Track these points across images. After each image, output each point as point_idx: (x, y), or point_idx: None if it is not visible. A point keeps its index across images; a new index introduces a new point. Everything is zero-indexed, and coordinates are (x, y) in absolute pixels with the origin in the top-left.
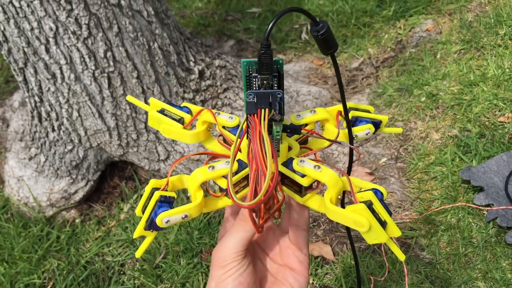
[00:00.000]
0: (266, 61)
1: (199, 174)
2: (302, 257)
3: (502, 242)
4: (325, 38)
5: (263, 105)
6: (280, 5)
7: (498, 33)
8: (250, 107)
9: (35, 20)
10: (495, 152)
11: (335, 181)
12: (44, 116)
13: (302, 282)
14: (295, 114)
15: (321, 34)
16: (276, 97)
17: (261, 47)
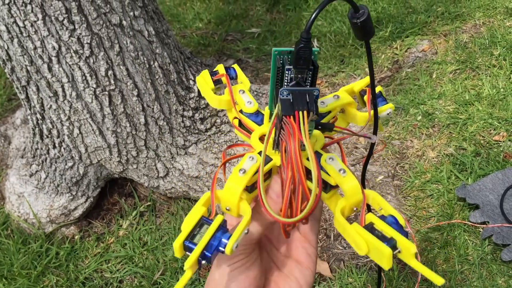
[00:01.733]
0: (305, 55)
1: (236, 185)
2: (311, 249)
3: (497, 260)
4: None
5: (301, 106)
6: (279, 25)
7: (493, 53)
8: (285, 107)
9: (38, 40)
10: (490, 170)
11: (355, 192)
12: (46, 133)
13: (309, 277)
14: (319, 101)
15: (360, 21)
16: (313, 95)
17: (300, 40)
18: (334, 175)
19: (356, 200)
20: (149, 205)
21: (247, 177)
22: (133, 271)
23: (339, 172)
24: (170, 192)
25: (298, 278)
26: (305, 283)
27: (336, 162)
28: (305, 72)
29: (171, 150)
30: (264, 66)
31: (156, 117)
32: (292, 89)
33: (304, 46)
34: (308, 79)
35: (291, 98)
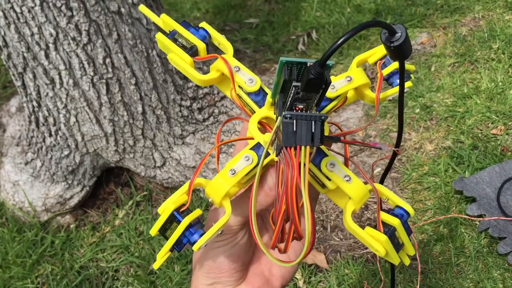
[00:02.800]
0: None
1: (223, 183)
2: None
3: (494, 253)
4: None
5: (304, 139)
6: (278, 16)
7: (492, 47)
8: (286, 136)
9: (35, 26)
10: (487, 164)
11: (363, 196)
12: (42, 121)
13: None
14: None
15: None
16: (319, 122)
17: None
18: (338, 181)
19: (364, 201)
20: (145, 195)
21: (236, 179)
22: (129, 260)
23: (344, 179)
24: (166, 182)
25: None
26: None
27: (338, 168)
28: (314, 96)
29: (168, 140)
30: (262, 57)
31: (154, 106)
32: (297, 115)
33: (315, 78)
34: (314, 100)
35: (294, 126)
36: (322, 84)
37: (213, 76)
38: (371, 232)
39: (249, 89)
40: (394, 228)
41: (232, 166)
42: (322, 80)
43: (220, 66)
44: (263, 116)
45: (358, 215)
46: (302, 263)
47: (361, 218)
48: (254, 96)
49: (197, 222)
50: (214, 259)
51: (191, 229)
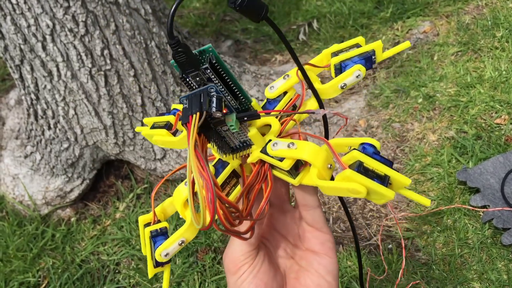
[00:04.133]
0: (182, 60)
1: (180, 193)
2: (323, 237)
3: (498, 243)
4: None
5: (194, 109)
6: (278, 6)
7: (495, 35)
8: (184, 115)
9: (32, 17)
10: (491, 154)
11: (316, 153)
12: (40, 114)
13: (328, 265)
14: (268, 86)
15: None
16: (209, 93)
17: (171, 47)
18: (288, 154)
19: (323, 158)
20: (145, 188)
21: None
22: (130, 253)
23: (289, 148)
24: (167, 174)
25: (317, 269)
26: (326, 272)
27: (281, 144)
28: (201, 73)
29: None
30: (262, 47)
31: (153, 98)
32: (188, 95)
33: (175, 51)
34: (212, 78)
35: (187, 104)
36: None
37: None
38: (340, 177)
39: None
40: (359, 161)
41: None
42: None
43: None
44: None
45: (361, 206)
46: None
47: (363, 209)
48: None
49: (162, 233)
50: None
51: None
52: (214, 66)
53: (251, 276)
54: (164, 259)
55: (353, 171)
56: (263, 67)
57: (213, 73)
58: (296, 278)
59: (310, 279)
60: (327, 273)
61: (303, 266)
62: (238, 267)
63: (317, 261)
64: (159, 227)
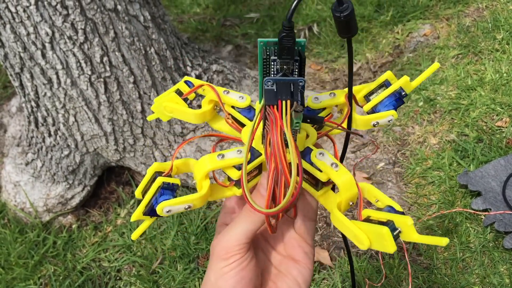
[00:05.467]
0: (288, 45)
1: (207, 162)
2: (308, 248)
3: (500, 247)
4: (347, 21)
5: (284, 95)
6: (278, 10)
7: (496, 37)
8: (269, 97)
9: (31, 25)
10: (492, 157)
11: (350, 185)
12: (41, 121)
13: (307, 275)
14: (313, 96)
15: (344, 15)
16: (298, 85)
17: (282, 29)
18: (326, 170)
19: (351, 194)
20: None
21: (222, 163)
22: (131, 260)
23: (331, 167)
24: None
25: (295, 276)
26: (303, 281)
27: (326, 157)
28: (291, 63)
29: (168, 138)
30: None
31: None
32: (276, 79)
33: (286, 35)
34: (295, 71)
35: (275, 88)
36: (292, 41)
37: (207, 108)
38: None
39: (241, 105)
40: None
41: (222, 152)
42: (292, 36)
43: (210, 95)
44: None
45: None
46: None
47: None
48: (246, 113)
49: (170, 189)
50: (225, 284)
51: (163, 191)
52: (302, 61)
53: (239, 268)
54: (162, 214)
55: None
56: None
57: (298, 67)
58: (274, 282)
59: (287, 284)
60: (304, 282)
61: (282, 271)
62: (230, 255)
63: (297, 270)
64: (172, 182)
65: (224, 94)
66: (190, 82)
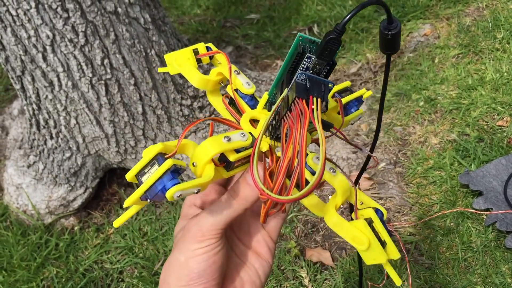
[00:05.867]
0: (333, 47)
1: (215, 145)
2: (272, 244)
3: (501, 247)
4: (393, 39)
5: (316, 93)
6: (279, 11)
7: (496, 37)
8: (300, 90)
9: (32, 28)
10: (494, 156)
11: (346, 189)
12: (42, 124)
13: (267, 269)
14: None
15: (391, 34)
16: (328, 88)
17: (334, 30)
18: (327, 176)
19: (346, 196)
20: None
21: (228, 146)
22: (133, 261)
23: (329, 171)
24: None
25: (257, 269)
26: (263, 274)
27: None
28: (324, 65)
29: (169, 140)
30: (263, 53)
31: (154, 106)
32: (310, 75)
33: (335, 38)
34: (323, 73)
35: (308, 83)
36: (338, 47)
37: (212, 78)
38: (352, 223)
39: (245, 91)
40: (370, 219)
41: (228, 135)
42: (340, 40)
43: (221, 69)
44: (254, 116)
45: None
46: (307, 261)
47: None
48: (248, 100)
49: (177, 172)
50: (196, 266)
51: (170, 174)
52: (332, 68)
53: (212, 252)
54: (172, 198)
55: (367, 225)
56: (264, 72)
57: (328, 72)
58: (237, 271)
59: (248, 275)
60: (263, 274)
61: (243, 261)
62: (206, 238)
63: (259, 262)
64: (181, 164)
65: (234, 73)
66: (210, 48)
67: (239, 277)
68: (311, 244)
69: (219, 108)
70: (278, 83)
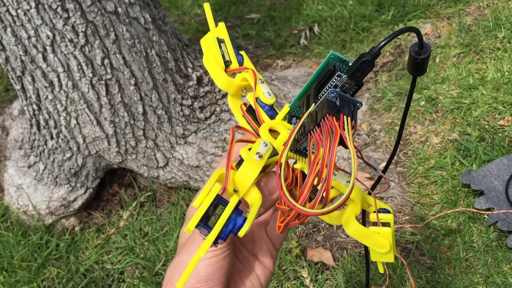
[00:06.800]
0: (366, 69)
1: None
2: (274, 253)
3: (503, 246)
4: (422, 63)
5: (347, 112)
6: (279, 10)
7: (497, 36)
8: (331, 107)
9: (32, 29)
10: (495, 156)
11: (361, 197)
12: (43, 124)
13: (268, 277)
14: None
15: (421, 58)
16: (356, 107)
17: (370, 53)
18: (341, 188)
19: (362, 204)
20: (149, 196)
21: (263, 162)
22: (134, 262)
23: (346, 184)
24: (170, 182)
25: (259, 276)
26: (265, 281)
27: (340, 177)
28: (353, 85)
29: (170, 140)
30: (264, 53)
31: (155, 106)
32: (340, 93)
33: (370, 60)
34: (349, 93)
35: (337, 101)
36: (371, 69)
37: (237, 82)
38: (376, 229)
39: (266, 101)
40: (389, 223)
41: (256, 150)
42: (373, 63)
43: (246, 75)
44: (272, 126)
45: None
46: (308, 261)
47: None
48: (267, 110)
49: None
50: (204, 269)
51: (231, 216)
52: (359, 88)
53: (221, 256)
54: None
55: (393, 232)
56: (265, 72)
57: (354, 91)
58: (240, 277)
59: (251, 281)
60: (265, 281)
61: (246, 268)
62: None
63: (261, 270)
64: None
65: (258, 82)
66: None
67: (242, 283)
68: (312, 244)
69: (236, 113)
70: (303, 97)
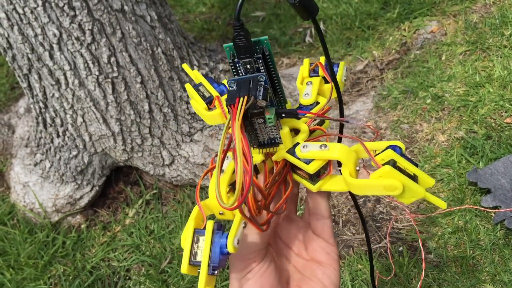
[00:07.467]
0: (241, 44)
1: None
2: (329, 248)
3: (510, 245)
4: (304, 5)
5: (242, 92)
6: (284, 8)
7: (504, 34)
8: (230, 97)
9: (38, 27)
10: (502, 154)
11: (347, 153)
12: (49, 122)
13: (333, 276)
14: (304, 94)
15: (298, 1)
16: (258, 81)
17: (234, 29)
18: (319, 155)
19: (354, 159)
20: (155, 193)
21: (227, 176)
22: (140, 259)
23: (321, 149)
24: (176, 180)
25: (321, 279)
26: (330, 283)
27: (312, 146)
28: (253, 61)
29: (176, 138)
30: None
31: (161, 104)
32: (237, 78)
33: (237, 34)
34: (261, 69)
35: (235, 87)
36: (245, 39)
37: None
38: (376, 174)
39: None
40: (393, 160)
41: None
42: (243, 34)
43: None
44: None
45: (371, 209)
46: None
47: (373, 212)
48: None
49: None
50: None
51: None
52: (266, 58)
53: (257, 275)
54: (236, 248)
55: (392, 168)
56: None
57: (264, 64)
58: (299, 287)
59: (311, 287)
60: (330, 283)
61: (306, 275)
62: (246, 265)
63: (322, 271)
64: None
65: None
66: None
67: None
68: None
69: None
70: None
